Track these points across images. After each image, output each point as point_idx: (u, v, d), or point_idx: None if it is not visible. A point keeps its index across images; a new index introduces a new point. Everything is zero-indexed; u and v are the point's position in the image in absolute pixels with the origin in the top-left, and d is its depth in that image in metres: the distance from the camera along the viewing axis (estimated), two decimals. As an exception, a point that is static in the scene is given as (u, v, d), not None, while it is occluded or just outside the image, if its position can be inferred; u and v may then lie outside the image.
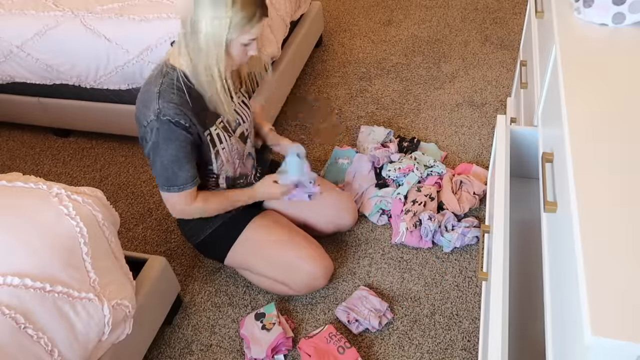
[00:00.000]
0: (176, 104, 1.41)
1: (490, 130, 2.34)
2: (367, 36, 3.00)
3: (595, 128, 0.97)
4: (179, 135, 1.42)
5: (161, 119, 1.40)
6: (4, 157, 2.52)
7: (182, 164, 1.46)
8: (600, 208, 0.83)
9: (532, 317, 1.31)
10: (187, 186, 1.50)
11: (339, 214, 1.84)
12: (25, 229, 1.20)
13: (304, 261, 1.67)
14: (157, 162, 1.46)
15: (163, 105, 1.39)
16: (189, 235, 1.73)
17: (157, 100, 1.40)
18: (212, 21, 1.32)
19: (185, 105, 1.43)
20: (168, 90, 1.41)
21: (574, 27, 1.23)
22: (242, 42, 1.38)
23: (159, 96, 1.40)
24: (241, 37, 1.37)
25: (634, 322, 0.69)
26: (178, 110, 1.41)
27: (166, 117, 1.40)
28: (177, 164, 1.46)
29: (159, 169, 1.47)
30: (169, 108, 1.40)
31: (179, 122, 1.41)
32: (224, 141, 1.55)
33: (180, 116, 1.41)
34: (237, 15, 1.33)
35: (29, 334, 1.14)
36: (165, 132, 1.41)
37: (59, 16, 2.13)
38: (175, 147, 1.43)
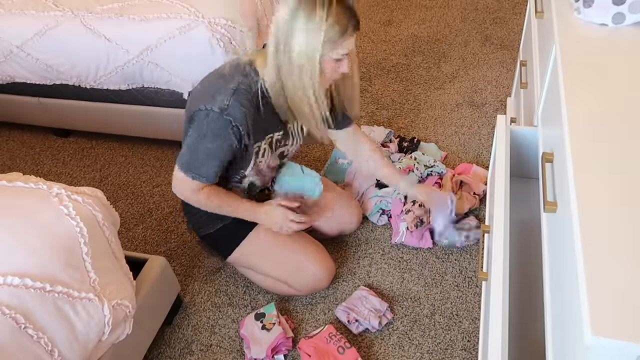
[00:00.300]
0: (246, 108, 1.38)
1: (490, 130, 2.34)
2: (367, 36, 3.00)
3: (595, 128, 0.97)
4: (229, 139, 1.41)
5: (224, 117, 1.37)
6: (4, 157, 2.52)
7: (212, 161, 1.44)
8: (600, 208, 0.83)
9: (532, 317, 1.31)
10: (203, 180, 1.47)
11: (345, 219, 1.85)
12: (26, 229, 1.20)
13: (310, 263, 1.68)
14: (193, 146, 1.43)
15: (233, 104, 1.37)
16: (196, 226, 1.72)
17: (230, 97, 1.37)
18: (306, 35, 1.28)
19: (252, 114, 1.41)
20: (245, 92, 1.38)
21: (574, 27, 1.23)
22: (335, 57, 1.34)
23: (233, 93, 1.37)
24: (334, 52, 1.32)
25: (634, 322, 0.69)
26: (244, 115, 1.38)
27: (230, 117, 1.37)
28: (209, 159, 1.43)
29: (191, 151, 1.44)
30: (237, 111, 1.37)
31: (238, 127, 1.39)
32: (266, 156, 1.55)
33: (242, 122, 1.39)
34: (331, 29, 1.28)
35: (29, 334, 1.14)
36: (219, 129, 1.38)
37: (59, 16, 2.13)
38: (218, 146, 1.41)
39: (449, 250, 1.89)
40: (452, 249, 1.89)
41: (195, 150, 1.43)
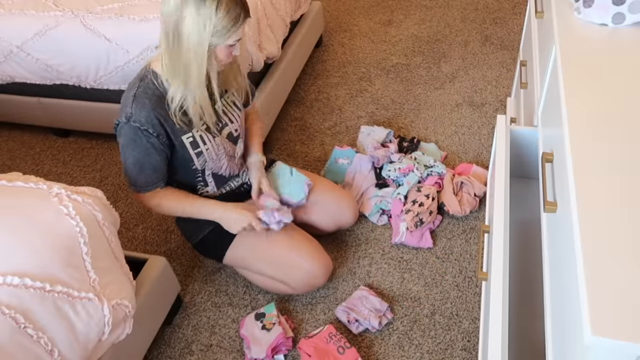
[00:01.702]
0: (148, 109, 1.41)
1: (490, 130, 2.34)
2: (367, 36, 3.00)
3: (595, 128, 0.97)
4: (145, 142, 1.44)
5: (131, 124, 1.42)
6: (4, 157, 2.52)
7: (143, 169, 1.49)
8: (600, 208, 0.83)
9: (532, 317, 1.31)
10: (143, 190, 1.53)
11: (341, 212, 1.84)
12: (26, 229, 1.20)
13: (303, 259, 1.66)
14: (124, 161, 1.50)
15: (135, 110, 1.41)
16: (188, 235, 1.74)
17: (131, 105, 1.41)
18: (197, 26, 1.30)
19: (161, 109, 1.43)
20: (143, 95, 1.42)
21: (574, 27, 1.23)
22: (228, 44, 1.37)
23: (134, 100, 1.41)
24: (226, 41, 1.36)
25: (633, 322, 0.69)
26: (150, 116, 1.41)
27: (136, 123, 1.41)
28: (138, 167, 1.48)
29: (125, 167, 1.51)
30: (140, 115, 1.41)
31: (147, 130, 1.43)
32: (208, 142, 1.55)
33: (150, 124, 1.42)
34: (221, 21, 1.31)
35: (29, 333, 1.14)
36: (132, 136, 1.43)
37: (59, 16, 2.13)
38: (139, 152, 1.46)
39: (449, 250, 1.89)
40: (452, 249, 1.89)
41: (126, 165, 1.50)
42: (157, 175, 1.52)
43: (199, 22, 1.30)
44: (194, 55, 1.34)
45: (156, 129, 1.44)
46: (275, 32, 2.25)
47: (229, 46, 1.39)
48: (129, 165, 1.49)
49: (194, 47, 1.33)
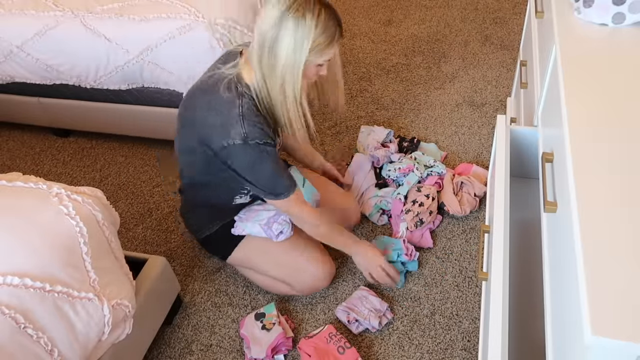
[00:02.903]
0: (261, 125, 1.40)
1: (490, 130, 2.34)
2: (367, 36, 3.00)
3: (595, 128, 0.97)
4: (270, 151, 1.43)
5: (249, 143, 1.39)
6: (4, 157, 2.52)
7: (280, 174, 1.48)
8: (600, 208, 0.83)
9: (532, 317, 1.31)
10: (291, 190, 1.50)
11: (344, 216, 1.84)
12: (25, 229, 1.20)
13: (309, 263, 1.68)
14: (254, 177, 1.47)
15: (249, 129, 1.38)
16: (195, 229, 1.73)
17: (243, 125, 1.37)
18: (294, 43, 1.28)
19: (267, 125, 1.43)
20: (251, 112, 1.39)
21: (574, 27, 1.23)
22: (318, 62, 1.36)
23: (243, 120, 1.37)
24: (319, 59, 1.34)
25: (633, 322, 0.69)
26: (263, 132, 1.40)
27: (254, 140, 1.39)
28: (276, 175, 1.47)
29: (262, 184, 1.48)
30: (255, 132, 1.38)
31: (266, 141, 1.41)
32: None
33: (266, 136, 1.41)
34: (319, 37, 1.30)
35: (29, 333, 1.14)
36: (257, 153, 1.41)
37: (59, 16, 2.13)
38: (270, 163, 1.44)
39: (449, 250, 1.89)
40: (452, 249, 1.89)
41: (263, 180, 1.47)
42: (289, 174, 1.51)
43: (297, 38, 1.28)
44: (290, 72, 1.32)
45: (271, 137, 1.43)
46: (275, 32, 2.25)
47: (318, 65, 1.37)
48: (267, 177, 1.46)
49: (291, 64, 1.31)
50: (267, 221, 1.64)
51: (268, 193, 1.50)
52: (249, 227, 1.66)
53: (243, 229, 1.66)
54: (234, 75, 1.42)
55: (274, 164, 1.46)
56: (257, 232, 1.65)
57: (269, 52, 1.31)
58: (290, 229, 1.66)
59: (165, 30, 2.00)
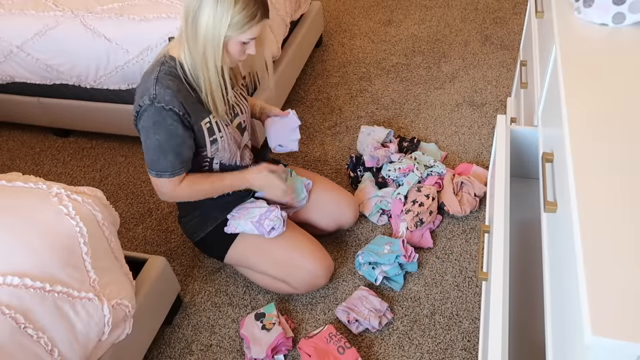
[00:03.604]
0: (173, 90, 1.41)
1: (490, 130, 2.34)
2: (367, 36, 3.00)
3: (595, 128, 0.97)
4: (169, 124, 1.43)
5: (155, 105, 1.41)
6: (4, 157, 2.52)
7: (166, 153, 1.47)
8: (600, 208, 0.83)
9: (532, 317, 1.31)
10: (166, 174, 1.50)
11: (341, 212, 1.84)
12: (25, 229, 1.20)
13: (306, 259, 1.67)
14: (144, 145, 1.48)
15: (159, 91, 1.40)
16: (190, 232, 1.73)
17: (154, 86, 1.41)
18: (214, 16, 1.33)
19: (183, 92, 1.44)
20: (165, 77, 1.42)
21: (574, 27, 1.23)
22: (241, 40, 1.39)
23: (156, 82, 1.41)
24: (240, 36, 1.38)
25: (634, 322, 0.69)
26: (173, 97, 1.42)
27: (161, 103, 1.41)
28: (161, 151, 1.46)
29: (148, 151, 1.49)
30: (165, 94, 1.41)
31: (172, 109, 1.42)
32: (223, 129, 1.56)
33: (174, 103, 1.42)
34: (237, 14, 1.34)
35: (29, 333, 1.14)
36: (156, 117, 1.42)
37: (59, 16, 2.13)
38: (163, 134, 1.44)
39: (449, 250, 1.89)
40: (452, 249, 1.89)
41: (148, 149, 1.48)
42: (181, 158, 1.50)
43: (216, 12, 1.33)
44: (210, 44, 1.37)
45: (181, 108, 1.43)
46: (275, 32, 2.25)
47: (242, 43, 1.41)
48: (152, 148, 1.46)
49: (210, 37, 1.36)
50: (258, 218, 1.65)
51: (148, 167, 1.51)
52: (242, 225, 1.66)
53: (236, 227, 1.66)
54: (163, 50, 1.49)
55: (166, 140, 1.45)
56: (249, 229, 1.65)
57: (192, 23, 1.36)
58: (282, 224, 1.66)
59: (165, 30, 2.01)
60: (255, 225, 1.64)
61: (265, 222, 1.64)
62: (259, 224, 1.64)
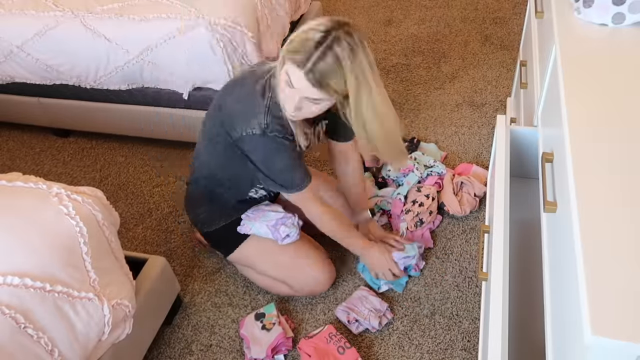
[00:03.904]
0: (283, 123, 1.42)
1: (490, 130, 2.34)
2: (367, 36, 3.00)
3: (595, 128, 0.97)
4: (287, 146, 1.44)
5: (268, 135, 1.41)
6: (4, 157, 2.52)
7: (295, 167, 1.49)
8: (600, 208, 0.83)
9: (532, 317, 1.31)
10: (305, 183, 1.51)
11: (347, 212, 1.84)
12: (25, 229, 1.20)
13: (311, 267, 1.69)
14: (270, 170, 1.48)
15: (271, 121, 1.40)
16: (200, 223, 1.73)
17: (265, 115, 1.39)
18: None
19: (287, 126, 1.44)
20: (276, 107, 1.40)
21: (574, 27, 1.23)
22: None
23: (268, 112, 1.40)
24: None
25: (634, 322, 0.69)
26: (282, 127, 1.42)
27: (273, 133, 1.41)
28: (291, 168, 1.48)
29: (275, 173, 1.49)
30: (275, 125, 1.40)
31: (285, 136, 1.43)
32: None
33: (284, 132, 1.42)
34: None
35: (29, 333, 1.14)
36: (275, 145, 1.43)
37: (59, 16, 2.13)
38: (287, 156, 1.46)
39: (449, 250, 1.89)
40: (452, 249, 1.89)
41: (276, 172, 1.48)
42: (306, 169, 1.52)
43: None
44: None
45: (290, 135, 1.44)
46: (275, 32, 2.25)
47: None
48: (282, 169, 1.47)
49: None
50: (275, 222, 1.65)
51: (281, 185, 1.51)
52: (256, 227, 1.66)
53: (250, 228, 1.66)
54: (272, 71, 1.43)
55: (290, 157, 1.47)
56: (264, 232, 1.65)
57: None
58: (297, 233, 1.66)
59: (165, 30, 2.00)
60: (270, 229, 1.64)
61: (281, 229, 1.64)
62: (274, 228, 1.64)
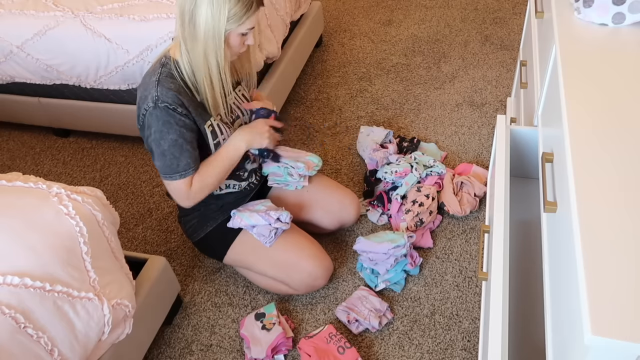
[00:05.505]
0: (175, 92, 1.42)
1: (490, 130, 2.34)
2: (367, 36, 3.00)
3: (595, 128, 0.97)
4: (178, 120, 1.43)
5: (159, 105, 1.41)
6: (4, 157, 2.53)
7: (182, 149, 1.46)
8: (600, 208, 0.83)
9: (532, 317, 1.31)
10: (189, 172, 1.49)
11: (343, 210, 1.84)
12: (25, 229, 1.20)
13: (305, 261, 1.67)
14: (158, 150, 1.46)
15: (161, 92, 1.41)
16: (190, 232, 1.73)
17: (156, 88, 1.41)
18: (212, 13, 1.33)
19: (184, 94, 1.44)
20: (167, 79, 1.42)
21: (574, 27, 1.23)
22: (240, 31, 1.40)
23: (158, 84, 1.41)
24: (239, 28, 1.39)
25: (634, 322, 0.69)
26: (176, 98, 1.42)
27: (164, 103, 1.41)
28: (177, 149, 1.45)
29: (159, 156, 1.46)
30: (167, 95, 1.41)
31: (176, 109, 1.42)
32: (225, 132, 1.56)
33: (177, 104, 1.42)
34: (234, 7, 1.34)
35: (29, 333, 1.14)
36: (164, 117, 1.42)
37: (59, 16, 2.13)
38: (175, 132, 1.43)
39: (449, 250, 1.89)
40: (452, 249, 1.89)
41: (162, 153, 1.45)
42: (195, 155, 1.49)
43: (213, 8, 1.33)
44: (211, 41, 1.37)
45: (184, 109, 1.44)
46: (275, 32, 2.25)
47: (241, 34, 1.42)
48: (167, 149, 1.44)
49: (210, 33, 1.36)
50: (266, 210, 1.65)
51: (164, 173, 1.48)
52: (247, 217, 1.65)
53: (241, 220, 1.65)
54: (163, 52, 1.49)
55: (179, 137, 1.44)
56: (255, 220, 1.64)
57: (189, 23, 1.36)
58: (288, 217, 1.66)
59: (165, 30, 2.01)
60: (261, 215, 1.64)
61: (272, 212, 1.64)
62: (266, 214, 1.64)
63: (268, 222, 1.63)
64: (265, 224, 1.63)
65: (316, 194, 1.82)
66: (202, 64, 1.41)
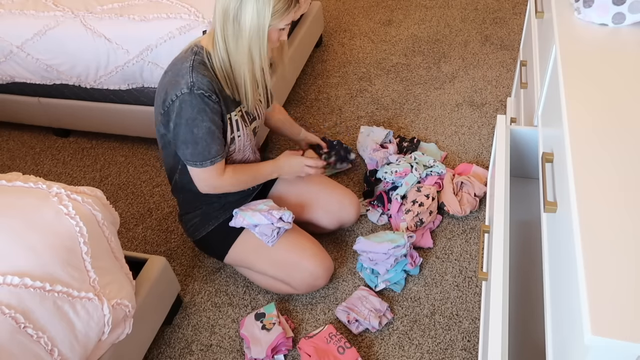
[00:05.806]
0: (208, 78, 1.43)
1: (490, 130, 2.34)
2: (367, 36, 3.00)
3: (595, 128, 0.97)
4: (212, 108, 1.44)
5: (194, 92, 1.41)
6: (4, 157, 2.53)
7: (214, 136, 1.47)
8: (600, 208, 0.83)
9: (532, 317, 1.31)
10: (219, 158, 1.51)
11: (343, 210, 1.84)
12: (25, 229, 1.20)
13: (307, 260, 1.67)
14: (190, 137, 1.45)
15: (197, 78, 1.41)
16: (191, 231, 1.73)
17: (190, 74, 1.41)
18: (257, 10, 1.35)
19: (216, 83, 1.46)
20: (200, 65, 1.44)
21: (574, 27, 1.23)
22: (280, 27, 1.42)
23: (192, 70, 1.42)
24: (280, 23, 1.41)
25: (634, 322, 0.69)
26: (210, 85, 1.43)
27: (200, 90, 1.41)
28: (211, 136, 1.47)
29: (192, 144, 1.46)
30: (202, 82, 1.42)
31: (210, 96, 1.44)
32: (241, 129, 1.57)
33: (211, 90, 1.44)
34: (278, 2, 1.37)
35: (29, 333, 1.14)
36: (200, 105, 1.42)
37: (59, 16, 2.13)
38: (209, 120, 1.45)
39: (449, 250, 1.89)
40: (452, 249, 1.89)
41: (196, 140, 1.46)
42: (223, 142, 1.51)
43: (259, 6, 1.35)
44: (255, 37, 1.39)
45: (217, 97, 1.45)
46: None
47: (279, 30, 1.44)
48: (201, 136, 1.45)
49: (255, 30, 1.38)
50: (268, 209, 1.65)
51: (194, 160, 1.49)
52: (249, 216, 1.65)
53: (243, 218, 1.65)
54: (193, 42, 1.50)
55: (212, 123, 1.46)
56: (257, 219, 1.64)
57: (234, 20, 1.37)
58: (290, 216, 1.66)
59: (165, 30, 2.01)
60: (264, 215, 1.64)
61: (274, 211, 1.64)
62: (268, 213, 1.64)
63: (270, 222, 1.63)
64: (268, 223, 1.63)
65: (316, 193, 1.83)
66: (246, 59, 1.42)
